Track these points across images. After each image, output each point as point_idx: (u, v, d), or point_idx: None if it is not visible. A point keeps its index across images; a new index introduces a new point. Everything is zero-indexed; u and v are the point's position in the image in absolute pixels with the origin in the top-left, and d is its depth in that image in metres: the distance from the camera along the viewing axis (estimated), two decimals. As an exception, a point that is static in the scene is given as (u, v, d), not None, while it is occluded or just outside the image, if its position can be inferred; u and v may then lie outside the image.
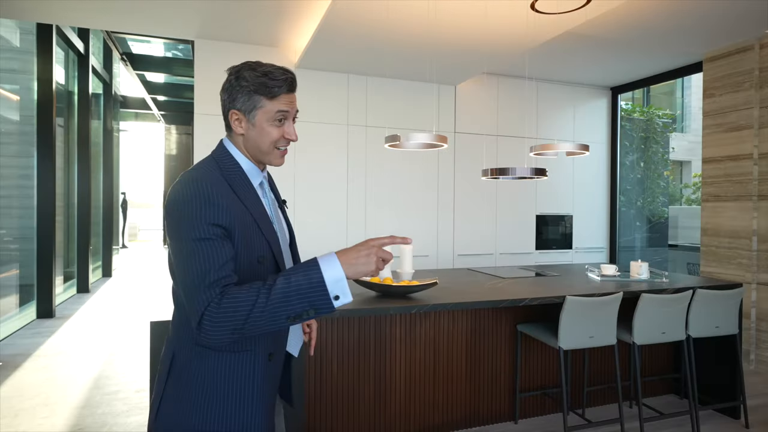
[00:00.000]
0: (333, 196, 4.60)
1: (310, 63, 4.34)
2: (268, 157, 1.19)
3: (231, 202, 1.07)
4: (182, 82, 10.99)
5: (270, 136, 1.15)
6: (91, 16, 3.96)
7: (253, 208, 1.13)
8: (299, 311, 0.97)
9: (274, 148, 1.18)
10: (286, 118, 1.16)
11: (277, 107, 1.14)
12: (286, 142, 1.19)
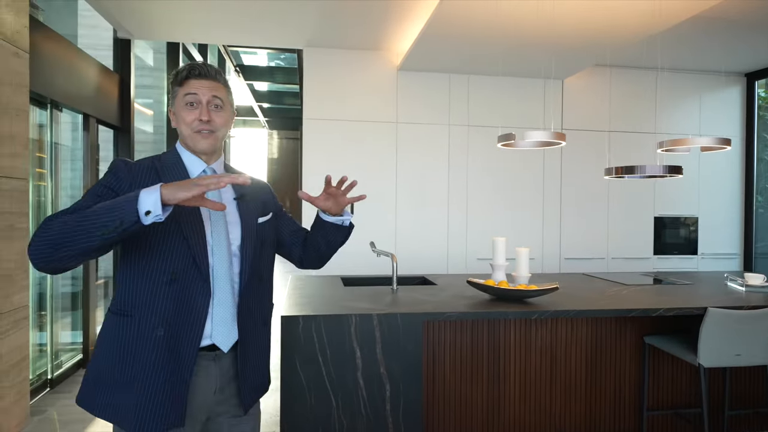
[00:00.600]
0: (434, 196, 4.58)
1: (412, 65, 4.36)
2: (192, 141, 1.26)
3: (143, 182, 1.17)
4: (284, 90, 11.66)
5: (184, 120, 1.24)
6: (213, 32, 4.32)
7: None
8: (108, 223, 1.00)
9: (193, 132, 1.24)
10: (196, 102, 1.24)
11: (185, 91, 1.24)
12: (200, 124, 1.23)
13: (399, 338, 2.03)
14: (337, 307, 2.14)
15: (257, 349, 1.32)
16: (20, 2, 2.67)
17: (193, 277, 1.18)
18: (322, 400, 1.97)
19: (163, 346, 1.16)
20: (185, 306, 1.18)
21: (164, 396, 1.16)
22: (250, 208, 1.33)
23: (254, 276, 1.29)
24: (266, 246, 1.37)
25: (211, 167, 1.30)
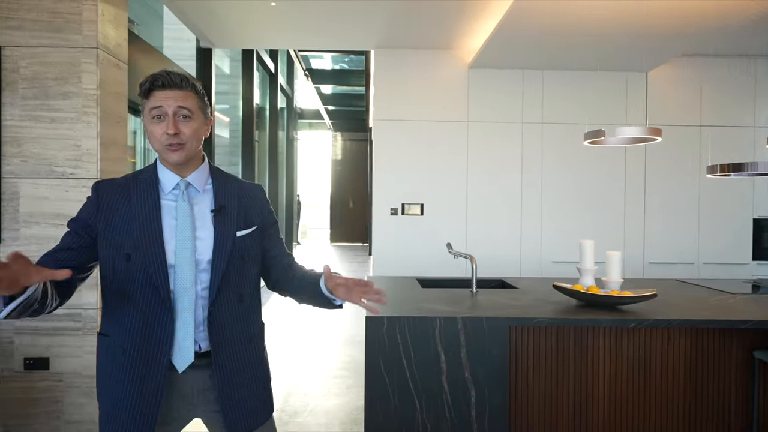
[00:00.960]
0: (506, 196, 4.45)
1: (484, 62, 4.26)
2: (164, 155, 1.21)
3: (112, 209, 1.20)
4: (349, 92, 11.85)
5: (153, 134, 1.19)
6: (286, 37, 4.46)
7: (136, 218, 1.19)
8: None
9: (162, 146, 1.19)
10: (162, 114, 1.17)
11: (151, 105, 1.18)
12: (168, 138, 1.17)
13: (484, 342, 1.97)
14: (419, 309, 2.11)
15: (242, 368, 1.26)
16: (121, 17, 2.88)
17: (152, 299, 1.17)
18: (406, 403, 1.96)
19: (126, 367, 1.17)
20: (144, 329, 1.17)
21: (132, 414, 1.16)
22: (229, 220, 1.25)
23: (231, 293, 1.24)
24: (248, 261, 1.29)
25: (185, 180, 1.24)
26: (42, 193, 2.64)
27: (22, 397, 2.65)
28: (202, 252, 1.21)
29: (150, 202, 1.21)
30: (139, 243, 1.17)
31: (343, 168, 14.97)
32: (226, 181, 1.32)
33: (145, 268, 1.16)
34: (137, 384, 1.16)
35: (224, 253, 1.22)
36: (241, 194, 1.30)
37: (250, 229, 1.28)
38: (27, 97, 2.63)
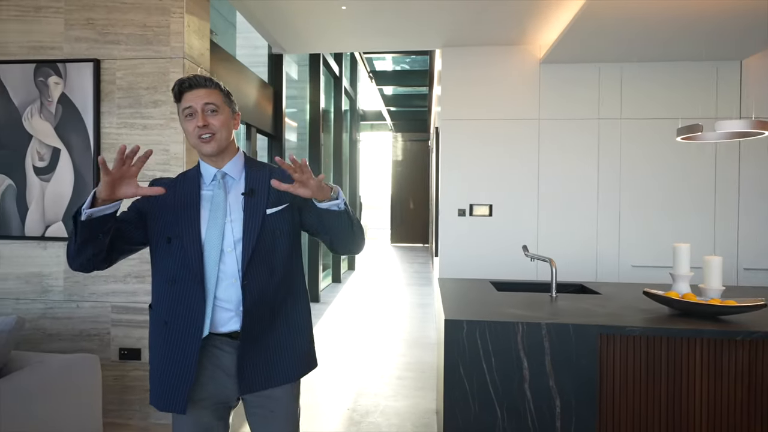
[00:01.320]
0: (581, 196, 4.24)
1: (557, 57, 4.09)
2: (199, 148, 1.35)
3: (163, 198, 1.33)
4: (410, 92, 11.84)
5: (187, 131, 1.34)
6: (353, 40, 4.50)
7: (181, 206, 1.35)
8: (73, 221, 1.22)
9: (196, 139, 1.33)
10: (193, 112, 1.32)
11: (183, 106, 1.34)
12: (199, 130, 1.31)
13: (571, 351, 1.88)
14: (498, 313, 2.05)
15: (279, 338, 1.38)
16: (204, 28, 3.03)
17: (189, 279, 1.31)
18: (487, 409, 1.90)
19: (167, 337, 1.32)
20: (183, 305, 1.31)
21: (168, 383, 1.31)
22: (259, 200, 1.36)
23: (262, 268, 1.34)
24: (280, 237, 1.38)
25: (221, 171, 1.38)
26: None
27: (117, 385, 2.85)
28: (234, 232, 1.34)
29: (191, 193, 1.37)
30: (178, 228, 1.33)
31: (403, 169, 14.99)
32: (259, 168, 1.44)
33: (182, 250, 1.31)
34: (176, 352, 1.30)
35: (254, 230, 1.33)
36: (272, 177, 1.36)
37: (280, 207, 1.37)
38: (122, 106, 2.83)
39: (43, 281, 2.89)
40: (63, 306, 2.88)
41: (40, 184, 2.84)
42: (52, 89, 2.82)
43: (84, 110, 2.81)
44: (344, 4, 3.59)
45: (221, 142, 1.35)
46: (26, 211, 2.86)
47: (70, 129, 2.82)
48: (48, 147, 2.83)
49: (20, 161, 2.85)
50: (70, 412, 2.10)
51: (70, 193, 2.83)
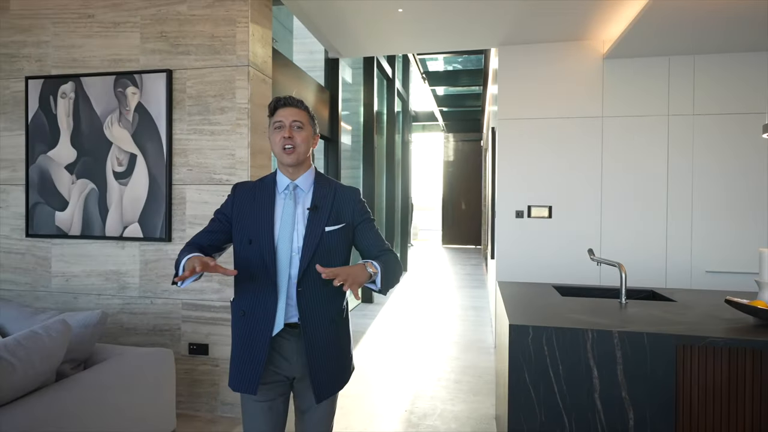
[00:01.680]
0: (648, 198, 4.02)
1: (623, 51, 3.90)
2: (280, 158, 1.55)
3: (243, 204, 1.58)
4: (462, 92, 11.69)
5: (274, 141, 1.56)
6: (408, 42, 4.50)
7: (258, 211, 1.55)
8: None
9: (280, 149, 1.53)
10: (282, 126, 1.53)
11: (275, 119, 1.56)
12: (284, 141, 1.52)
13: (645, 361, 1.78)
14: (565, 319, 1.98)
15: (323, 340, 1.54)
16: (267, 36, 3.13)
17: (264, 277, 1.50)
18: (554, 419, 1.84)
19: (245, 326, 1.53)
20: (259, 299, 1.51)
21: (246, 365, 1.51)
22: (321, 216, 1.54)
23: (317, 278, 1.47)
24: (335, 252, 1.55)
25: (294, 182, 1.57)
26: (203, 198, 2.97)
27: (187, 378, 3.00)
28: (297, 241, 1.52)
29: (268, 200, 1.57)
30: (256, 231, 1.53)
31: (455, 169, 14.83)
32: (326, 185, 1.61)
33: (260, 251, 1.51)
34: (250, 339, 1.52)
35: (312, 243, 1.51)
36: (336, 196, 1.58)
37: (338, 226, 1.56)
38: (192, 113, 2.98)
39: (121, 279, 3.09)
40: (138, 302, 3.07)
41: (118, 188, 3.05)
42: (129, 99, 3.02)
43: (158, 118, 2.98)
44: (401, 7, 3.60)
45: (300, 155, 1.55)
46: (106, 213, 3.07)
47: (145, 136, 3.00)
48: (126, 153, 3.03)
49: (101, 166, 3.07)
50: (148, 402, 2.23)
51: (145, 196, 3.01)
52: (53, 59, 3.17)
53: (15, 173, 3.25)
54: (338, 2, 3.57)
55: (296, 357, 1.53)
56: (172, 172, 3.00)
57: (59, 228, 3.15)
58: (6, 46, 3.25)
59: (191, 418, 2.91)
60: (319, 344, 1.52)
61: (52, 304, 3.19)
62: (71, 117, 3.11)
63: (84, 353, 2.12)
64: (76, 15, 3.13)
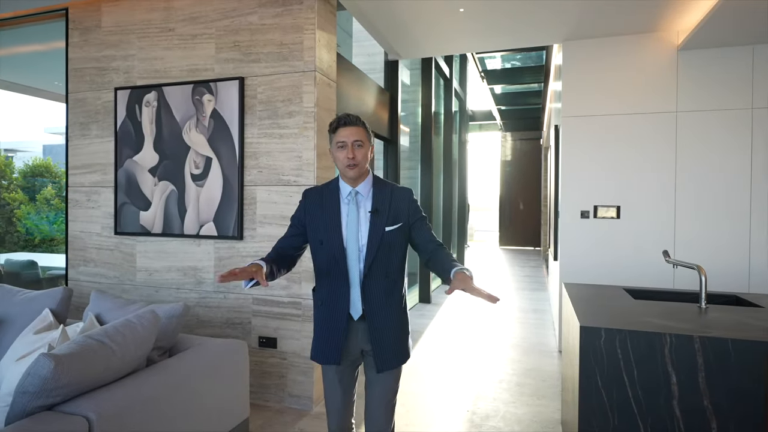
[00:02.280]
0: (729, 199, 3.77)
1: (700, 41, 3.68)
2: (344, 173, 1.77)
3: (313, 210, 1.82)
4: (520, 90, 11.42)
5: (338, 158, 1.76)
6: (467, 42, 4.47)
7: (325, 215, 1.79)
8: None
9: (344, 166, 1.74)
10: (344, 146, 1.73)
11: (337, 138, 1.74)
12: (347, 160, 1.72)
13: (730, 369, 1.69)
14: (640, 322, 1.91)
15: (385, 324, 1.77)
16: (331, 42, 3.24)
17: (336, 272, 1.76)
18: (628, 424, 1.78)
19: (325, 313, 1.80)
20: (334, 290, 1.77)
21: (325, 344, 1.79)
22: (381, 218, 1.76)
23: (378, 273, 1.75)
24: (395, 249, 1.79)
25: (355, 189, 1.78)
26: (273, 198, 3.11)
27: (257, 370, 3.15)
28: (362, 241, 1.75)
29: (334, 206, 1.80)
30: (326, 233, 1.77)
31: (512, 169, 14.50)
32: (383, 189, 1.82)
33: (330, 250, 1.76)
34: (329, 324, 1.79)
35: (375, 242, 1.74)
36: (392, 198, 1.80)
37: (396, 225, 1.78)
38: (262, 117, 3.13)
39: (197, 274, 3.30)
40: (213, 296, 3.26)
41: (195, 189, 3.26)
42: (205, 106, 3.22)
43: (231, 123, 3.16)
44: (462, 6, 3.60)
45: (361, 169, 1.77)
46: (184, 213, 3.29)
47: (219, 140, 3.19)
48: (202, 156, 3.23)
49: (180, 169, 3.29)
50: (225, 390, 2.37)
51: (219, 196, 3.20)
52: (138, 71, 3.44)
53: (105, 176, 3.56)
54: (399, 5, 3.62)
55: (363, 336, 1.79)
56: (244, 173, 3.17)
57: (143, 226, 3.41)
58: (98, 61, 3.56)
59: (261, 407, 3.05)
60: (381, 325, 1.76)
61: (136, 296, 3.46)
62: (154, 124, 3.36)
63: (169, 342, 2.30)
64: (158, 29, 3.38)
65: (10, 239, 8.43)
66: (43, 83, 5.60)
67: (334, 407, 1.89)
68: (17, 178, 9.31)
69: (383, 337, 1.78)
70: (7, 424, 1.63)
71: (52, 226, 8.46)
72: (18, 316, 2.57)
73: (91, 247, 3.61)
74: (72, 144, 3.67)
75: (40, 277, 5.16)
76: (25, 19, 3.92)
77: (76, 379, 1.68)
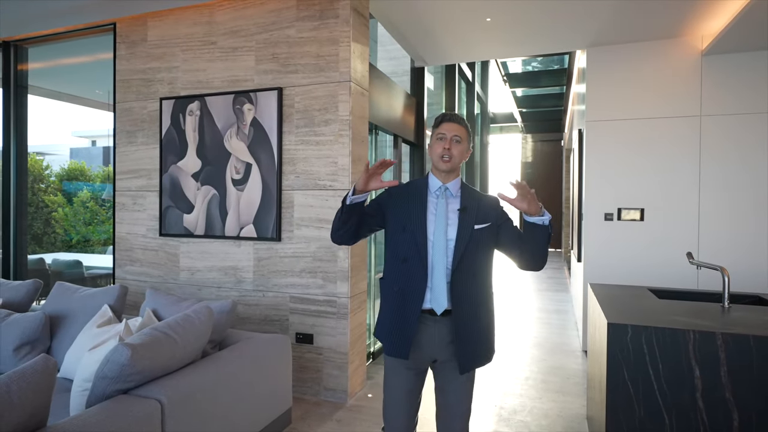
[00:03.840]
0: (753, 199, 3.81)
1: (724, 47, 3.74)
2: (437, 164, 1.77)
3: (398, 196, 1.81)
4: (541, 93, 11.45)
5: (434, 150, 1.78)
6: (496, 49, 4.59)
7: (411, 204, 1.77)
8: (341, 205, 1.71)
9: (438, 157, 1.76)
10: (443, 138, 1.75)
11: (439, 131, 1.78)
12: (443, 151, 1.74)
13: (752, 364, 1.79)
14: (665, 320, 2.02)
15: (472, 322, 1.72)
16: (364, 53, 3.40)
17: (416, 261, 1.72)
18: (653, 416, 1.90)
19: (398, 301, 1.74)
20: (411, 279, 1.72)
21: (397, 335, 1.73)
22: (470, 216, 1.74)
23: (467, 269, 1.71)
24: (482, 248, 1.75)
25: (445, 185, 1.78)
26: (309, 202, 3.29)
27: (294, 365, 3.33)
28: (450, 236, 1.73)
29: (421, 197, 1.79)
30: (411, 220, 1.76)
31: (533, 170, 14.49)
32: (471, 193, 1.83)
33: (413, 237, 1.74)
34: (402, 313, 1.74)
35: (464, 239, 1.72)
36: (480, 202, 1.80)
37: (485, 225, 1.76)
38: (299, 125, 3.31)
39: (237, 273, 3.50)
40: (252, 294, 3.46)
41: (236, 193, 3.46)
42: (246, 114, 3.41)
43: (270, 131, 3.35)
44: (489, 16, 3.73)
45: (455, 164, 1.77)
46: (225, 216, 3.49)
47: (259, 147, 3.38)
48: (242, 162, 3.43)
49: (222, 175, 3.50)
50: (270, 381, 2.55)
51: (259, 200, 3.39)
52: (182, 82, 3.66)
53: (150, 181, 3.79)
54: (427, 15, 3.77)
55: (440, 339, 1.73)
56: (282, 179, 3.35)
57: (186, 228, 3.62)
58: (144, 72, 3.80)
59: (299, 400, 3.23)
60: (467, 325, 1.71)
61: (180, 295, 3.67)
62: (197, 132, 3.57)
63: (220, 336, 2.49)
64: (201, 42, 3.59)
65: (47, 240, 8.83)
66: (85, 92, 5.91)
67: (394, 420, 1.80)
68: (54, 182, 9.73)
69: (470, 333, 1.72)
70: (88, 407, 1.83)
71: (88, 228, 8.82)
72: (78, 312, 2.80)
73: (137, 248, 3.85)
74: (119, 151, 3.91)
75: (84, 276, 5.45)
76: (74, 34, 4.18)
77: (149, 366, 1.87)
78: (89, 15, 3.79)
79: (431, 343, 1.74)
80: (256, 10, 3.41)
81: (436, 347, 1.74)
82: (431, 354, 1.75)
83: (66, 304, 2.86)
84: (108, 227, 8.57)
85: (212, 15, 3.55)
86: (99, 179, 9.71)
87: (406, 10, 3.70)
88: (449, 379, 1.78)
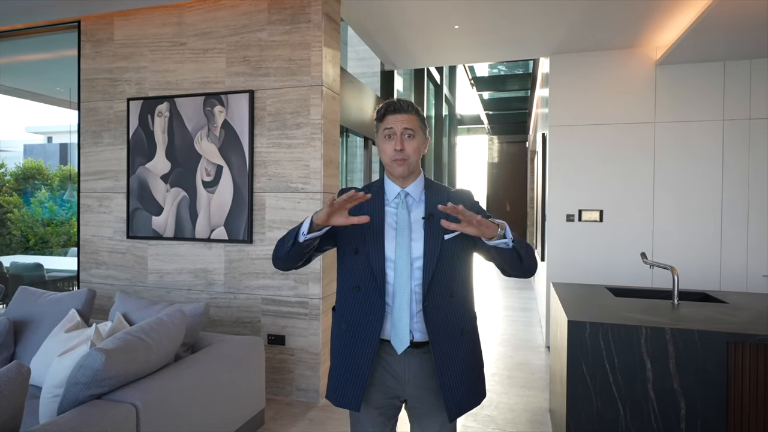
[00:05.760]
0: (702, 203, 4.07)
1: (676, 57, 3.98)
2: (390, 168, 1.47)
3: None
4: (506, 96, 11.75)
5: (384, 150, 1.46)
6: (463, 54, 4.72)
7: (367, 214, 1.42)
8: (288, 239, 1.39)
9: (390, 160, 1.45)
10: (392, 134, 1.44)
11: (384, 126, 1.46)
12: (395, 153, 1.43)
13: (696, 356, 1.95)
14: (620, 317, 2.16)
15: (455, 354, 1.43)
16: (336, 57, 3.45)
17: (371, 288, 1.42)
18: (609, 406, 2.04)
19: (347, 340, 1.45)
20: (364, 311, 1.43)
21: (345, 383, 1.44)
22: (437, 225, 1.41)
23: (442, 291, 1.41)
24: (458, 260, 1.44)
25: (404, 190, 1.48)
26: (281, 204, 3.32)
27: (266, 365, 3.35)
28: (416, 252, 1.42)
29: (377, 210, 1.47)
30: (364, 240, 1.45)
31: (499, 171, 14.83)
32: (438, 192, 1.51)
33: (367, 261, 1.43)
34: (352, 354, 1.44)
35: (434, 253, 1.41)
36: (449, 201, 1.36)
37: (456, 233, 1.40)
38: (271, 128, 3.33)
39: (208, 276, 3.48)
40: (223, 297, 3.45)
41: (206, 196, 3.44)
42: (216, 117, 3.41)
43: (241, 133, 3.35)
44: (457, 23, 3.84)
45: (411, 166, 1.46)
46: (196, 218, 3.47)
47: (230, 149, 3.38)
48: (213, 164, 3.42)
49: (192, 177, 3.47)
50: (244, 382, 2.57)
51: (230, 202, 3.39)
52: (150, 82, 3.61)
53: (117, 182, 3.72)
54: (397, 20, 3.85)
55: (413, 379, 1.44)
56: (254, 181, 3.36)
57: (155, 230, 3.58)
58: (110, 72, 3.73)
59: (271, 400, 3.26)
60: (451, 360, 1.42)
61: (149, 297, 3.63)
62: (166, 133, 3.53)
63: (193, 338, 2.49)
64: (170, 43, 3.55)
65: (2, 242, 8.45)
66: (44, 89, 5.72)
67: None
68: (10, 181, 9.31)
69: (456, 373, 1.42)
70: (60, 413, 1.82)
71: (46, 229, 8.48)
72: (44, 317, 2.74)
73: (103, 250, 3.77)
74: (84, 151, 3.82)
75: (45, 279, 5.27)
76: (36, 30, 4.05)
77: (123, 370, 1.87)
78: (52, 13, 3.69)
79: (399, 380, 1.45)
80: (227, 12, 3.40)
81: (407, 385, 1.45)
82: (399, 393, 1.47)
83: (30, 309, 2.80)
84: (68, 228, 8.29)
85: (181, 16, 3.52)
86: (58, 179, 9.34)
87: (377, 16, 3.77)
88: (429, 427, 1.48)
